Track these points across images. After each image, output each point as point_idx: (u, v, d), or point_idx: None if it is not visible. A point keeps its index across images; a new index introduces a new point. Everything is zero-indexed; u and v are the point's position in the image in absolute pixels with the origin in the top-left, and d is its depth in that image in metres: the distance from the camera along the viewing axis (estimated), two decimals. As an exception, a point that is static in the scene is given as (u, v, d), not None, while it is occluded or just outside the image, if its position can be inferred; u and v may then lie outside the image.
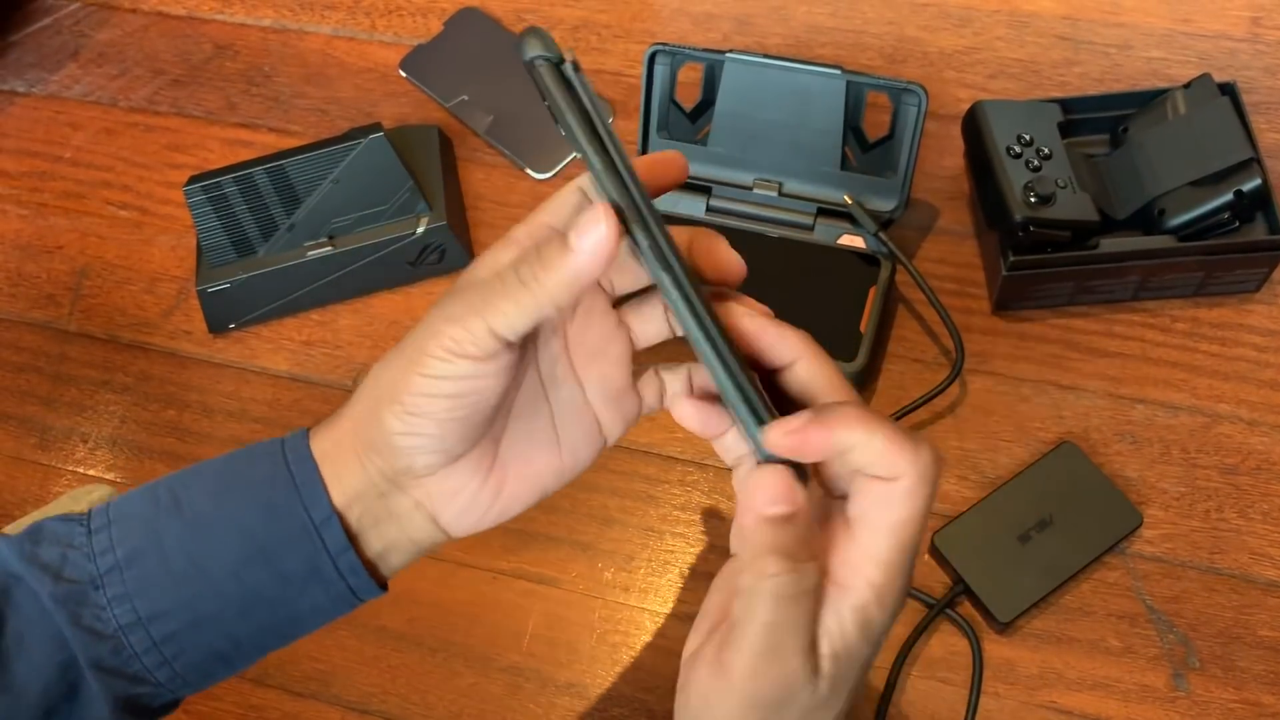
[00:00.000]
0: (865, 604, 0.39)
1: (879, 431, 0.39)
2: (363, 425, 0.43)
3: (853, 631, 0.39)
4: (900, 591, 0.40)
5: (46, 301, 0.83)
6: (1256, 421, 0.69)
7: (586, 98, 0.38)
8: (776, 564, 0.38)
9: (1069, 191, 0.69)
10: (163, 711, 0.47)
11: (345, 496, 0.43)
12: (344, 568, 0.43)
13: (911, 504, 0.39)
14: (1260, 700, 0.62)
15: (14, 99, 0.92)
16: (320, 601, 0.44)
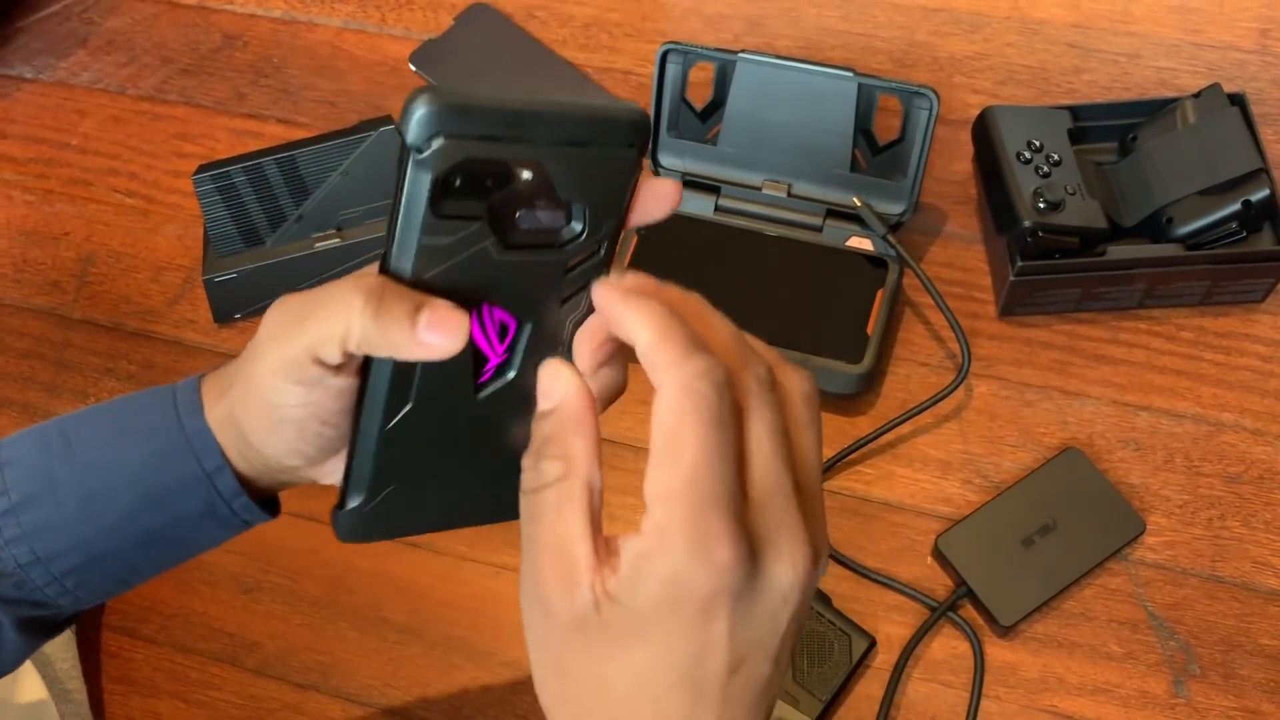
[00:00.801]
0: (640, 540, 0.33)
1: (650, 326, 0.35)
2: (233, 422, 0.44)
3: (628, 567, 0.33)
4: (689, 537, 0.32)
5: (51, 288, 0.83)
6: (1260, 431, 0.69)
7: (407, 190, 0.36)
8: (525, 461, 0.37)
9: (1078, 198, 0.69)
10: (66, 624, 0.50)
11: (245, 464, 0.45)
12: (238, 508, 0.46)
13: (671, 421, 0.33)
14: (1260, 708, 0.62)
15: (22, 85, 0.92)
16: (216, 534, 0.47)
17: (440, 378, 0.39)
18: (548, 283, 0.39)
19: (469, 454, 0.41)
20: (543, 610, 0.35)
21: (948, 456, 0.70)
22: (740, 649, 0.34)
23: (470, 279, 0.38)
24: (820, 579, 0.36)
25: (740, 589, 0.33)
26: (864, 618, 0.66)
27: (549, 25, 0.88)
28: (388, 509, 0.41)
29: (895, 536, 0.68)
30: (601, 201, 0.39)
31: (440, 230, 0.36)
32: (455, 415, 0.40)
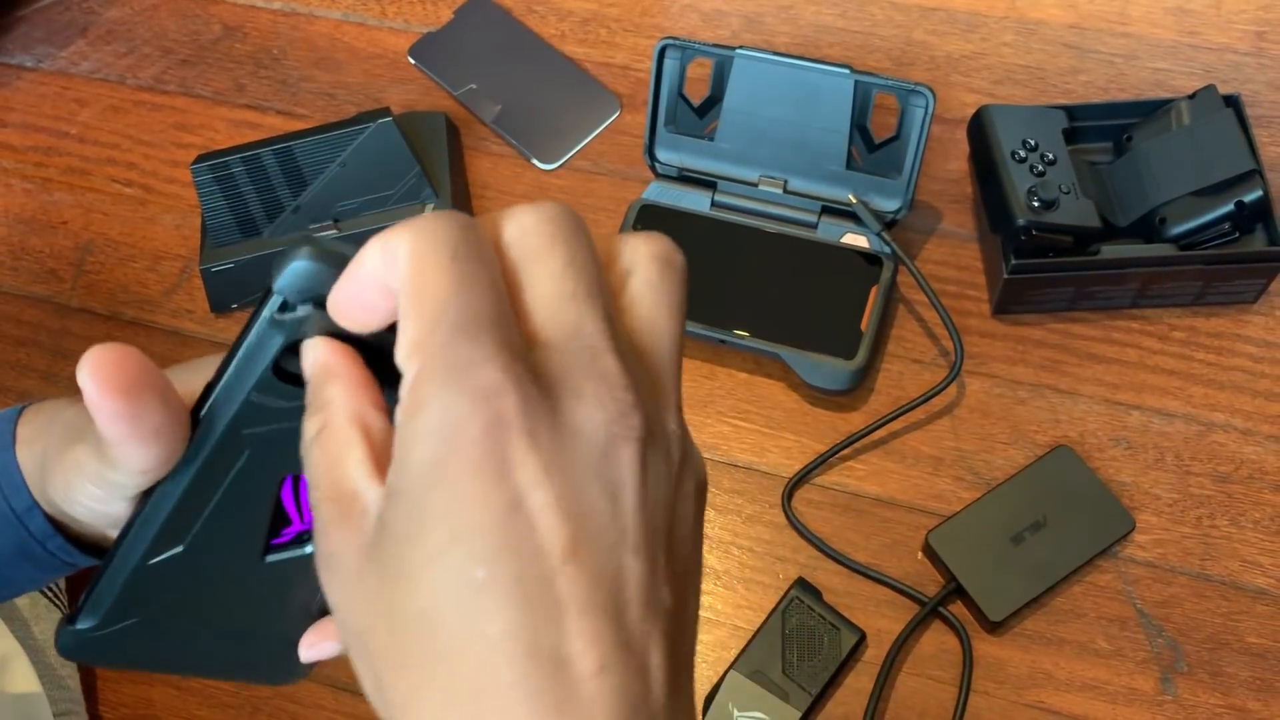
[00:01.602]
0: (398, 412, 0.26)
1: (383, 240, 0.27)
2: (41, 470, 0.40)
3: (395, 450, 0.26)
4: (443, 373, 0.25)
5: (49, 276, 0.83)
6: (1250, 431, 0.69)
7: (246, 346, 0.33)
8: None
9: (1072, 197, 0.69)
10: None
11: (54, 508, 0.41)
12: (54, 548, 0.42)
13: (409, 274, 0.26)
14: (1246, 706, 0.62)
15: (21, 74, 0.92)
16: (33, 573, 0.43)
17: (226, 530, 0.35)
18: None
19: (230, 614, 0.38)
20: (335, 571, 0.28)
21: (939, 453, 0.70)
22: (568, 519, 0.25)
23: (292, 446, 0.33)
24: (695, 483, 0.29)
25: (529, 423, 0.25)
26: (854, 612, 0.66)
27: (548, 19, 0.88)
28: (121, 640, 0.37)
29: (886, 532, 0.68)
30: None
31: (273, 391, 0.33)
32: (229, 572, 0.36)
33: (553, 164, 0.82)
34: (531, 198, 0.81)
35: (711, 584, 0.68)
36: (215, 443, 0.34)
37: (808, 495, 0.70)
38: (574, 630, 0.25)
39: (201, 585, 0.36)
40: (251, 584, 0.37)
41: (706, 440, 0.72)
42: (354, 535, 0.27)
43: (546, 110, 0.84)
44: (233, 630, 0.38)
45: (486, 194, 0.82)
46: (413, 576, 0.25)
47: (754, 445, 0.72)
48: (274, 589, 0.37)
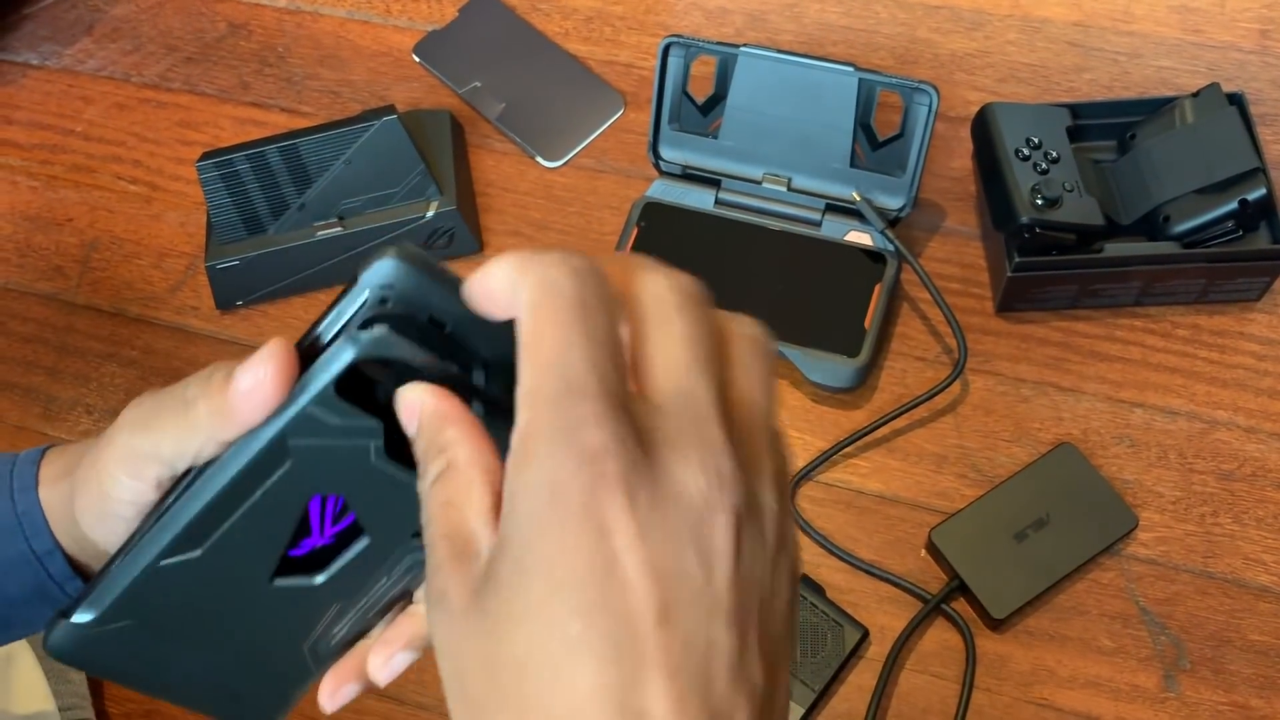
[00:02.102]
0: (509, 459, 0.28)
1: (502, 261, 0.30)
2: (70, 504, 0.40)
3: (505, 499, 0.28)
4: (553, 427, 0.27)
5: (54, 273, 0.83)
6: (1254, 429, 0.69)
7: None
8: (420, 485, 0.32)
9: (1075, 195, 0.69)
10: None
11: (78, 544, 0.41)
12: (72, 591, 0.42)
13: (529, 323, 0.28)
14: (1249, 703, 0.63)
15: (27, 71, 0.92)
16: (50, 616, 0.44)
17: (245, 541, 0.35)
18: (409, 511, 0.34)
19: (226, 637, 0.37)
20: (443, 609, 0.29)
21: (943, 450, 0.70)
22: (663, 569, 0.26)
23: (334, 469, 0.34)
24: (790, 554, 0.29)
25: (630, 485, 0.26)
26: (857, 609, 0.66)
27: (552, 18, 0.88)
28: (112, 642, 0.35)
29: (889, 529, 0.69)
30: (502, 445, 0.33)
31: (328, 407, 0.32)
32: (236, 589, 0.36)
33: (557, 161, 0.82)
34: (535, 195, 0.81)
35: (715, 581, 0.68)
36: (262, 447, 0.33)
37: (811, 492, 0.70)
38: (660, 693, 0.25)
39: (206, 598, 0.36)
40: (254, 608, 0.36)
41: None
42: (465, 577, 0.28)
43: (551, 108, 0.84)
44: (224, 656, 0.37)
45: (490, 191, 0.82)
46: (513, 623, 0.26)
47: (757, 442, 0.72)
48: (274, 618, 0.36)
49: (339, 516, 0.35)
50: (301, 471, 0.34)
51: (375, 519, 0.35)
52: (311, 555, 0.36)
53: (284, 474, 0.34)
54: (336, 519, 0.35)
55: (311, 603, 0.36)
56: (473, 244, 0.79)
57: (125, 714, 0.68)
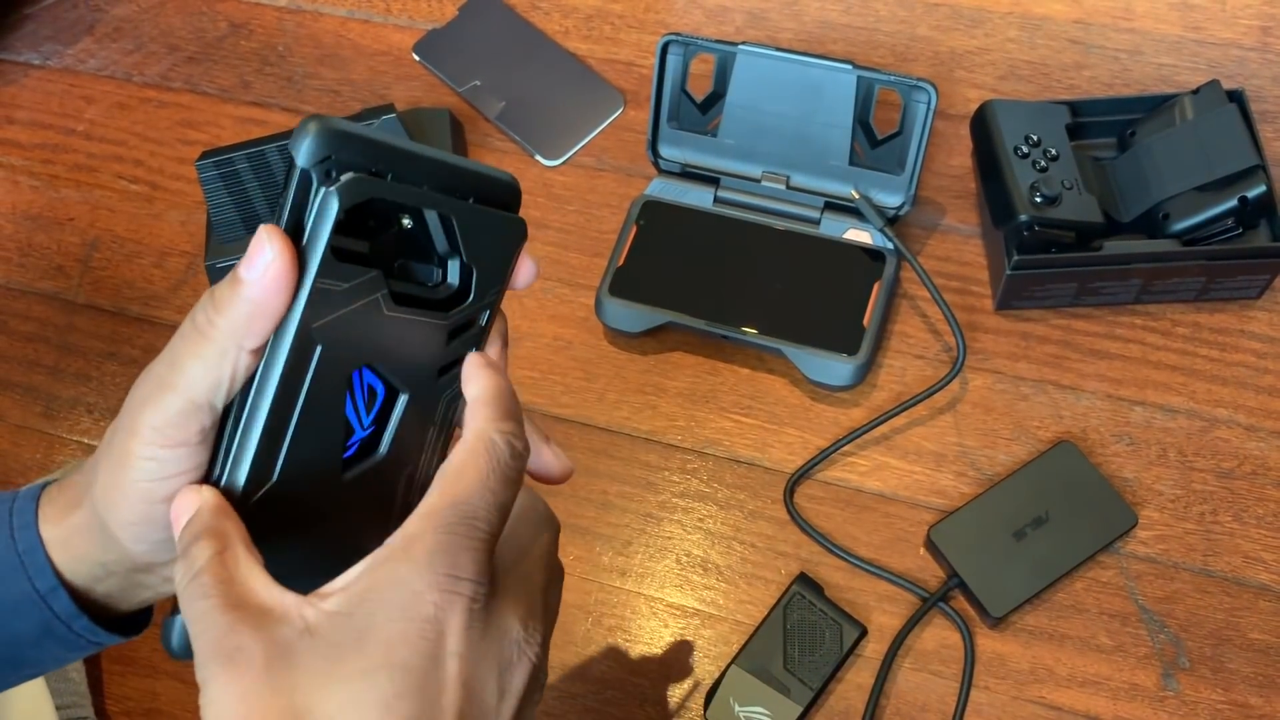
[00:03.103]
0: (381, 551, 0.34)
1: (486, 384, 0.38)
2: (90, 523, 0.40)
3: (358, 579, 0.33)
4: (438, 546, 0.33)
5: (55, 272, 0.83)
6: (1254, 427, 0.69)
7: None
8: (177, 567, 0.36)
9: (1075, 193, 0.69)
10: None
11: (86, 577, 0.41)
12: (80, 630, 0.42)
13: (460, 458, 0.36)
14: (1248, 702, 0.62)
15: (29, 71, 0.92)
16: (61, 654, 0.43)
17: (309, 449, 0.35)
18: (429, 350, 0.36)
19: (336, 545, 0.37)
20: (235, 665, 0.31)
21: (942, 448, 0.70)
22: (472, 685, 0.33)
23: (356, 336, 0.34)
24: (537, 700, 0.37)
25: (473, 616, 0.33)
26: (856, 607, 0.66)
27: (552, 16, 0.88)
28: None
29: (888, 527, 0.68)
30: (489, 265, 0.38)
31: (336, 274, 0.33)
32: (320, 500, 0.36)
33: (556, 160, 0.82)
34: (535, 194, 0.81)
35: (714, 579, 0.68)
36: (292, 342, 0.34)
37: (810, 490, 0.70)
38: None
39: (298, 522, 0.36)
40: (341, 512, 0.37)
41: (709, 435, 0.72)
42: (268, 638, 0.32)
43: (550, 106, 0.84)
44: (338, 564, 0.36)
45: (490, 190, 0.82)
46: (334, 683, 0.32)
47: (756, 441, 0.72)
48: (360, 513, 0.37)
49: (370, 405, 0.37)
50: (331, 353, 0.35)
51: (405, 371, 0.37)
52: (363, 448, 0.37)
53: (318, 363, 0.35)
54: (369, 409, 0.37)
55: (384, 482, 0.38)
56: (472, 242, 0.79)
57: (125, 711, 0.69)
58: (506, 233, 0.38)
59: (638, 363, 0.75)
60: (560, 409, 0.74)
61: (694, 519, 0.70)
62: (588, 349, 0.75)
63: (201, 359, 0.35)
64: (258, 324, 0.34)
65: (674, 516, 0.70)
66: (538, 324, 0.76)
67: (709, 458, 0.71)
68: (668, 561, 0.69)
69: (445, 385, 0.38)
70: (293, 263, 0.33)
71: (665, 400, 0.73)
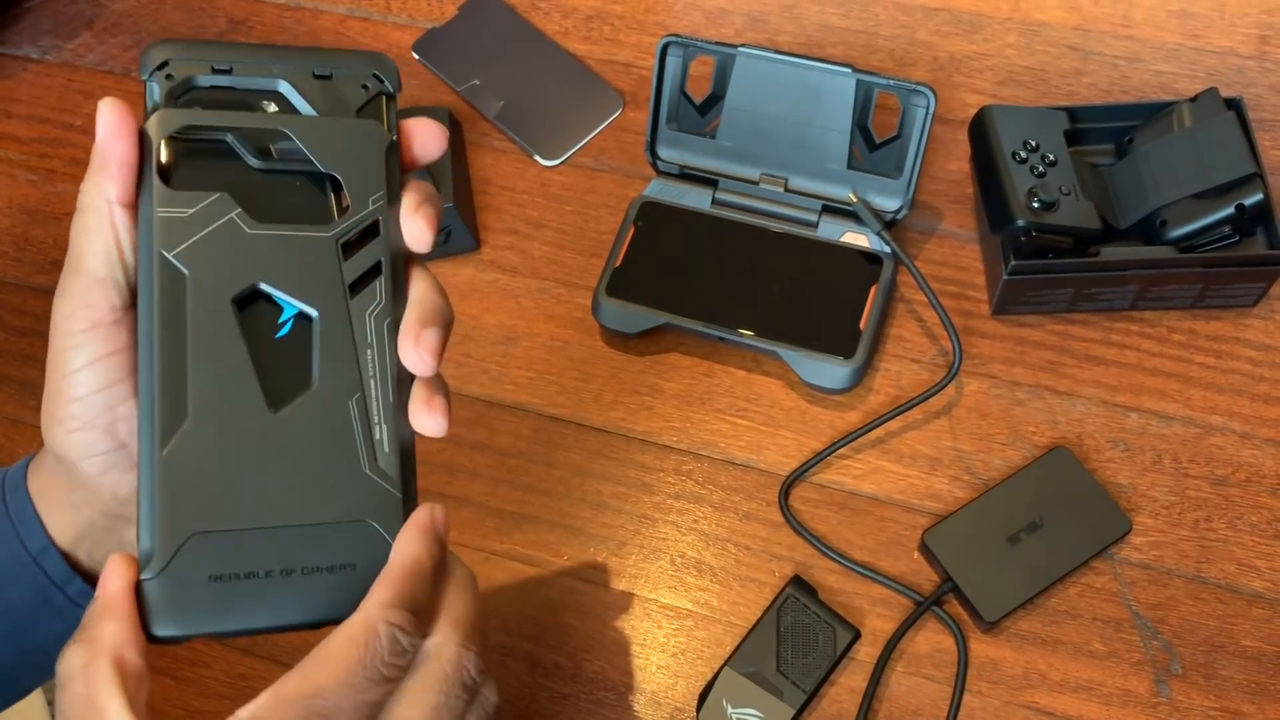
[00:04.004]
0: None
1: (394, 563, 0.36)
2: (55, 466, 0.41)
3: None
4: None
5: (52, 267, 0.83)
6: (1249, 434, 0.69)
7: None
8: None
9: (1072, 199, 0.69)
10: None
11: (69, 536, 0.42)
12: (74, 594, 0.42)
13: (336, 642, 0.35)
14: (1241, 709, 0.62)
15: (27, 65, 0.92)
16: (60, 629, 0.42)
17: (217, 380, 0.35)
18: (323, 265, 0.36)
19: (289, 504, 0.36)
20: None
21: (937, 453, 0.70)
22: None
23: (223, 258, 0.35)
24: None
25: None
26: (849, 610, 0.66)
27: (552, 16, 0.89)
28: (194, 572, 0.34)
29: (883, 531, 0.68)
30: (354, 165, 0.37)
31: (172, 201, 0.35)
32: (251, 437, 0.35)
33: (555, 160, 0.82)
34: (533, 194, 0.81)
35: (708, 580, 0.68)
36: (152, 276, 0.35)
37: (805, 493, 0.70)
38: None
39: (232, 464, 0.35)
40: (286, 452, 0.35)
41: (704, 437, 0.72)
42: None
43: (549, 107, 0.84)
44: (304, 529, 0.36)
45: (489, 190, 0.82)
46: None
47: (752, 443, 0.72)
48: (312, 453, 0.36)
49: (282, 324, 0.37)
50: (202, 277, 0.35)
51: (302, 285, 0.36)
52: (302, 317, 0.37)
53: (192, 289, 0.35)
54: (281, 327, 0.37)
55: (330, 412, 0.36)
56: (470, 242, 0.79)
57: (116, 708, 0.68)
58: (363, 136, 0.38)
59: (634, 364, 0.75)
60: (556, 409, 0.74)
61: (689, 520, 0.70)
62: (584, 349, 0.75)
63: (85, 232, 0.37)
64: (112, 171, 0.38)
65: (669, 518, 0.70)
66: (534, 323, 0.76)
67: (704, 459, 0.71)
68: (662, 563, 0.69)
69: (364, 303, 0.37)
70: (124, 112, 0.38)
71: (661, 401, 0.73)
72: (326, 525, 0.36)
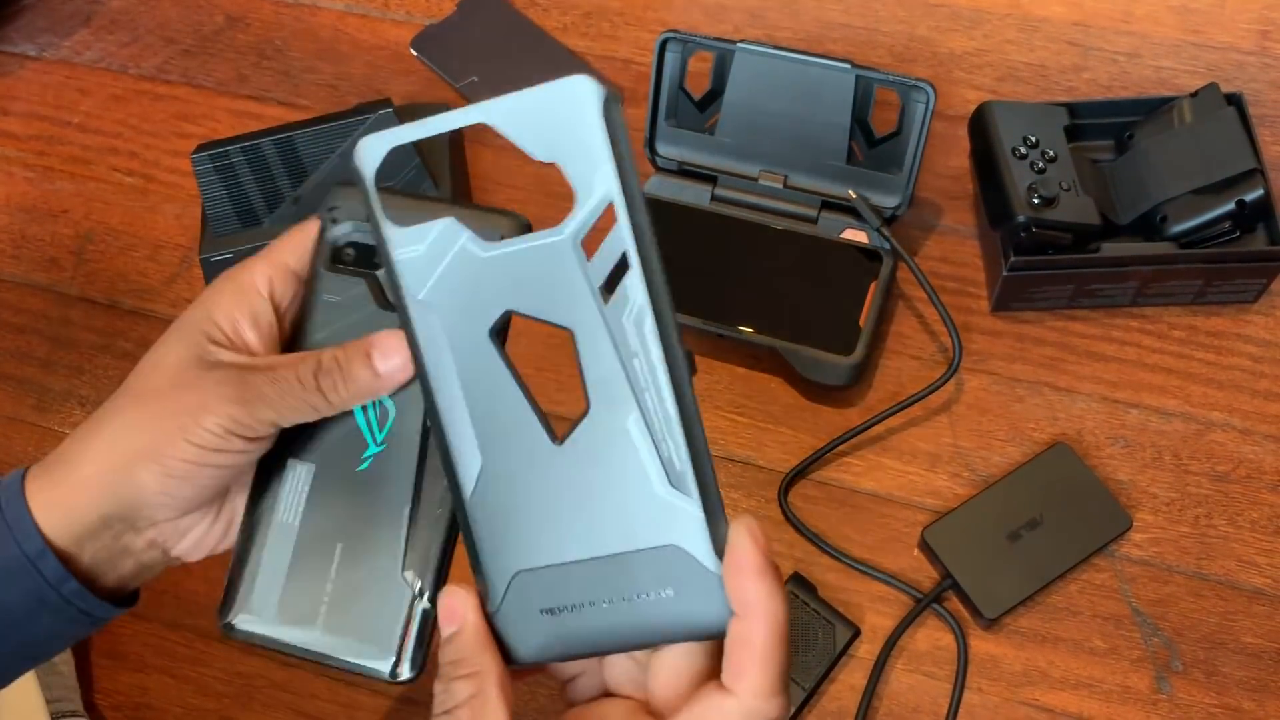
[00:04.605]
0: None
1: (767, 636, 0.35)
2: (108, 475, 0.42)
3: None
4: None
5: (49, 265, 0.83)
6: (1249, 430, 0.69)
7: None
8: (435, 687, 0.38)
9: (1072, 194, 0.69)
10: None
11: (74, 537, 0.43)
12: (69, 594, 0.43)
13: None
14: (1241, 706, 0.62)
15: (25, 62, 0.92)
16: (56, 627, 0.44)
17: (498, 423, 0.36)
18: (566, 273, 0.34)
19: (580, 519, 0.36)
20: None
21: (937, 449, 0.70)
22: None
23: (474, 290, 0.36)
24: None
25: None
26: (849, 607, 0.66)
27: (550, 12, 0.88)
28: (527, 606, 0.36)
29: (882, 527, 0.68)
30: (569, 142, 0.35)
31: (408, 240, 0.37)
32: (540, 470, 0.36)
33: (553, 157, 0.82)
34: (531, 191, 0.81)
35: (707, 578, 0.68)
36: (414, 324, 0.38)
37: (804, 490, 0.70)
38: None
39: (533, 501, 0.36)
40: (572, 482, 0.36)
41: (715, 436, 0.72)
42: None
43: (548, 103, 0.84)
44: (601, 556, 0.35)
45: (487, 186, 0.82)
46: None
47: (751, 439, 0.71)
48: (598, 478, 0.35)
49: (382, 423, 0.40)
50: (455, 317, 0.37)
51: (552, 303, 0.35)
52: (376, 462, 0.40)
53: (448, 329, 0.37)
54: (381, 426, 0.40)
55: (610, 438, 0.35)
56: (468, 239, 0.79)
57: (114, 706, 0.68)
58: (572, 100, 0.35)
59: (633, 361, 0.75)
60: (555, 406, 0.73)
61: (688, 518, 0.70)
62: (583, 346, 0.75)
63: (307, 405, 0.41)
64: (366, 400, 0.41)
65: (668, 515, 0.70)
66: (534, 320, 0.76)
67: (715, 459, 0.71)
68: (661, 560, 0.69)
69: (618, 307, 0.35)
70: (412, 370, 0.39)
71: (660, 398, 0.73)
72: (634, 554, 0.35)
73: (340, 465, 0.41)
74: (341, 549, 0.41)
